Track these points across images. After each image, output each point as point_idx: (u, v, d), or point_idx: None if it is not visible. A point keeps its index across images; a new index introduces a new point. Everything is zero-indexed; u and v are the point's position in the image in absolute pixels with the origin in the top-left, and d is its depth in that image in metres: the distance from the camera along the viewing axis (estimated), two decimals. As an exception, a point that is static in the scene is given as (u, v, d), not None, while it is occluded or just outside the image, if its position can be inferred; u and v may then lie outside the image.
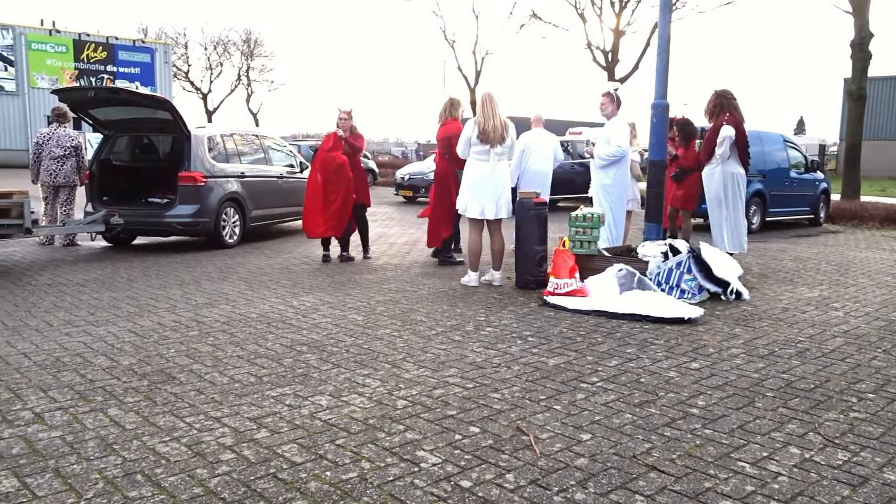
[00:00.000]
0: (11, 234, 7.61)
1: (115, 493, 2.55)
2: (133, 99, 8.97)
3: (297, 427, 3.21)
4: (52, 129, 9.50)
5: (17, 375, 3.89)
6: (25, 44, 34.98)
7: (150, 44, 40.50)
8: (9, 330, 4.89)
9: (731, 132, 7.44)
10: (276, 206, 10.55)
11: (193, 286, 6.63)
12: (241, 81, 56.66)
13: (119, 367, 4.08)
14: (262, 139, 10.98)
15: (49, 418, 3.26)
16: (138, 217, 8.95)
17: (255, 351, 4.46)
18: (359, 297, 6.23)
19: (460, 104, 7.66)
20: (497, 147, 6.57)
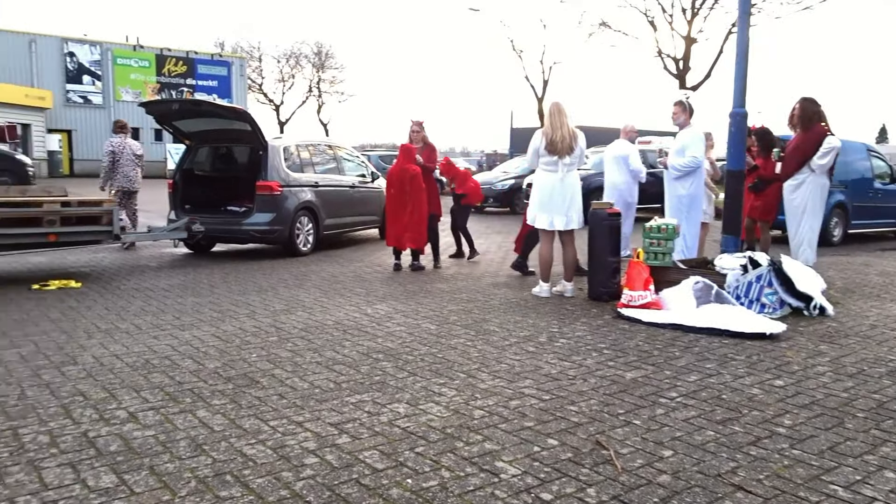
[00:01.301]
0: (101, 240, 7.99)
1: (206, 492, 2.65)
2: (214, 111, 9.32)
3: (376, 434, 3.26)
4: (121, 138, 10.16)
5: (111, 376, 4.09)
6: (112, 59, 36.88)
7: (227, 58, 42.03)
8: (101, 332, 5.14)
9: (838, 144, 7.13)
10: (348, 215, 10.76)
11: (271, 293, 6.82)
12: (311, 93, 58.07)
13: (205, 370, 4.23)
14: (335, 149, 11.23)
15: (142, 418, 3.42)
16: (218, 225, 9.27)
17: (332, 357, 4.55)
18: (431, 306, 6.28)
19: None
20: (566, 157, 6.52)
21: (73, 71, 35.96)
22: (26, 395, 3.73)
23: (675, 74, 31.36)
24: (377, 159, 23.02)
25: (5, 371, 4.14)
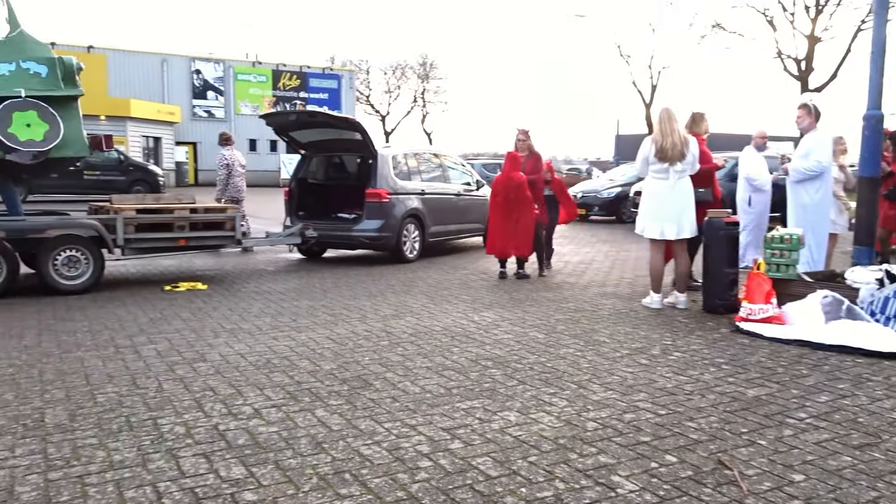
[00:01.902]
0: (224, 245, 8.46)
1: (327, 489, 2.75)
2: (328, 121, 9.69)
3: (488, 441, 3.27)
4: (230, 150, 10.81)
5: (236, 373, 4.31)
6: (233, 75, 39.12)
7: (337, 71, 43.60)
8: (226, 332, 5.44)
9: None
10: (453, 222, 10.86)
11: (380, 298, 6.99)
12: (416, 103, 59.19)
13: (321, 371, 4.39)
14: (441, 158, 11.38)
15: (266, 414, 3.58)
16: (329, 231, 9.61)
17: (442, 363, 4.60)
18: (538, 314, 6.24)
19: (703, 118, 7.26)
20: (677, 164, 6.31)
21: (199, 87, 38.42)
22: (163, 388, 4.00)
23: (797, 76, 29.69)
24: (480, 168, 23.14)
25: (144, 366, 4.46)
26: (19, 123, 6.46)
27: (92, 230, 7.19)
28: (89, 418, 3.51)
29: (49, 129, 6.61)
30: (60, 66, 6.90)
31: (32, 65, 6.75)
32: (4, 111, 6.42)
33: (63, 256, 7.01)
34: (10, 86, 6.54)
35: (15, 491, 2.71)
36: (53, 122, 6.65)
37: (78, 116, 7.10)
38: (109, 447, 3.14)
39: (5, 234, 6.80)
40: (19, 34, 6.83)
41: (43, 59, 6.85)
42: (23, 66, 6.69)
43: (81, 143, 7.13)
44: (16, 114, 6.47)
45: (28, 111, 6.53)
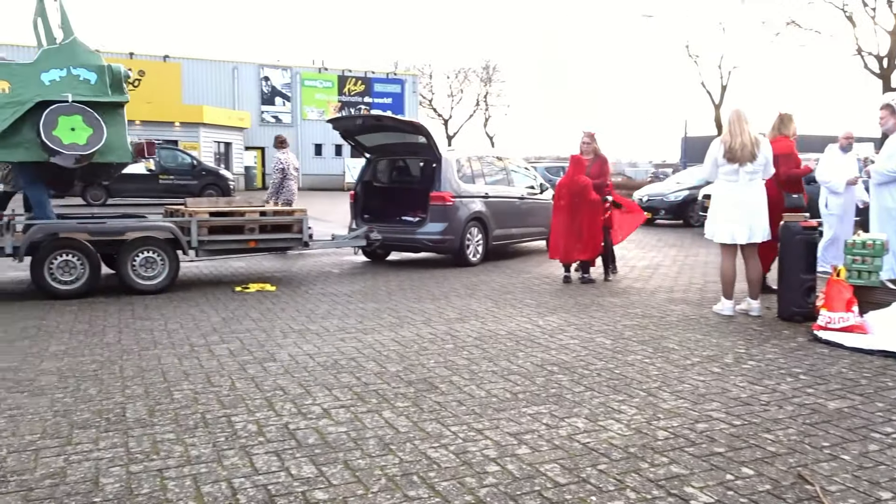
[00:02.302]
0: (292, 247, 8.65)
1: (396, 490, 2.77)
2: (393, 125, 9.80)
3: (556, 447, 3.23)
4: (285, 154, 11.07)
5: (305, 373, 4.40)
6: (300, 81, 40.03)
7: (401, 76, 44.05)
8: (295, 332, 5.56)
9: None
10: (516, 226, 10.81)
11: (444, 301, 7.01)
12: (479, 106, 59.27)
13: (388, 373, 4.43)
14: (504, 161, 11.35)
15: (335, 415, 3.64)
16: (393, 234, 9.70)
17: (507, 367, 4.58)
18: (604, 320, 6.14)
19: (791, 119, 7.05)
20: (747, 165, 6.10)
21: (267, 93, 39.46)
22: (236, 386, 4.12)
23: (879, 74, 28.36)
24: (543, 171, 22.97)
25: (218, 364, 4.59)
26: (64, 127, 6.65)
27: (168, 232, 7.47)
28: (167, 414, 3.64)
29: (92, 134, 6.78)
30: (109, 73, 7.11)
31: (83, 71, 6.96)
32: (51, 114, 6.63)
33: (141, 258, 7.30)
34: (60, 91, 6.78)
35: (100, 482, 2.84)
36: (97, 127, 6.82)
37: (123, 123, 7.28)
38: (186, 442, 3.25)
39: (89, 235, 7.14)
40: (72, 42, 7.05)
41: (93, 66, 7.06)
42: (73, 72, 6.91)
43: (125, 149, 7.30)
44: (62, 118, 6.67)
45: (73, 115, 6.72)
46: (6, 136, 6.61)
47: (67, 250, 6.98)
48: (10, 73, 6.77)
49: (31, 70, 6.83)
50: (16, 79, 6.73)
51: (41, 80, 6.77)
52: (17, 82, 6.72)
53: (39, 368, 4.47)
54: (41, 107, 6.65)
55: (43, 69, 6.82)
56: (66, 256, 6.97)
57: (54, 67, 6.86)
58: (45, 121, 6.57)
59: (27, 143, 6.72)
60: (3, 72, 6.76)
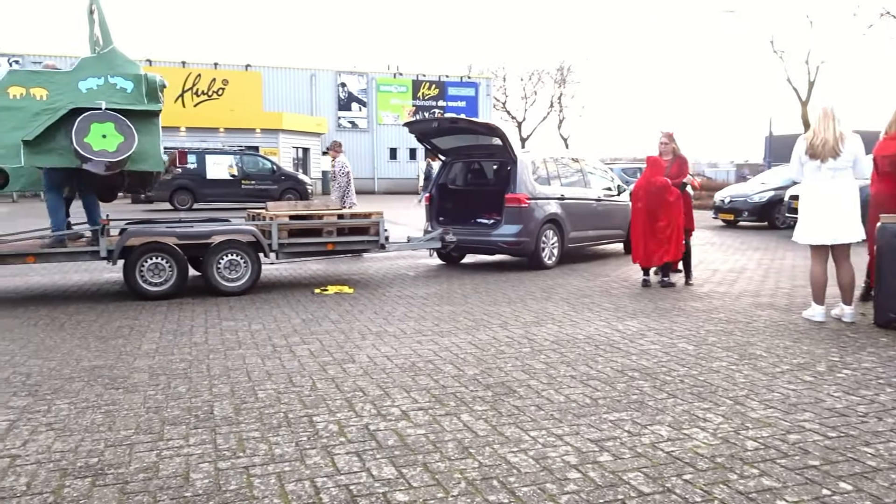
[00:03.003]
0: (368, 249, 8.78)
1: (476, 494, 2.75)
2: (469, 127, 9.81)
3: (639, 455, 3.14)
4: (345, 159, 11.28)
5: (383, 375, 4.45)
6: (375, 87, 40.70)
7: (475, 79, 44.12)
8: (373, 334, 5.63)
9: None
10: (593, 228, 10.64)
11: (520, 304, 6.96)
12: (553, 108, 58.74)
13: (465, 376, 4.43)
14: (581, 162, 11.19)
15: (413, 417, 3.66)
16: (468, 236, 9.71)
17: (586, 372, 4.50)
18: (686, 325, 5.95)
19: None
20: (829, 162, 5.79)
21: (344, 99, 40.31)
22: (317, 387, 4.20)
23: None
24: (619, 172, 22.53)
25: (299, 365, 4.70)
26: (96, 134, 6.75)
27: (250, 235, 7.72)
28: (252, 413, 3.74)
29: (123, 142, 6.84)
30: (145, 82, 7.19)
31: (119, 80, 7.08)
32: (84, 121, 6.74)
33: (225, 260, 7.56)
34: (96, 98, 6.91)
35: (190, 477, 2.94)
36: (129, 135, 6.88)
37: (157, 132, 7.33)
38: (271, 441, 3.33)
39: (177, 239, 7.45)
40: (111, 51, 7.18)
41: (130, 75, 7.16)
42: (110, 80, 7.04)
43: (157, 157, 7.33)
44: (94, 125, 6.76)
45: (106, 123, 6.80)
46: (40, 141, 6.75)
47: (157, 253, 7.31)
48: (49, 80, 6.95)
49: (68, 78, 7.00)
50: (54, 86, 6.91)
51: (78, 88, 6.92)
52: (55, 90, 6.88)
53: (133, 366, 4.69)
54: (76, 114, 6.77)
55: (81, 77, 6.98)
56: (156, 259, 7.30)
57: (92, 76, 7.00)
58: (77, 127, 6.68)
59: (61, 149, 6.85)
60: (41, 79, 6.95)
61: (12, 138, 6.64)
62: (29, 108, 6.76)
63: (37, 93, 6.83)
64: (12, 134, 6.64)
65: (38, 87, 6.87)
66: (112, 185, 8.23)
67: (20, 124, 6.68)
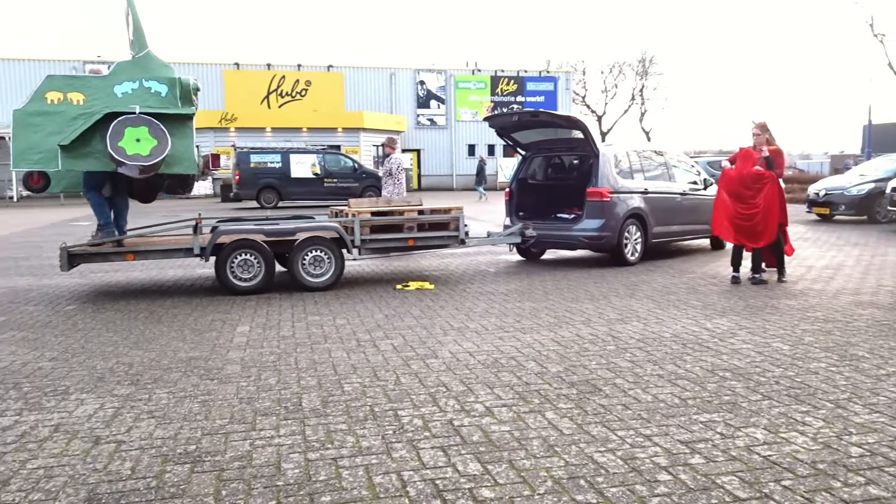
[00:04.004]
0: (448, 245, 8.81)
1: (563, 493, 2.72)
2: (550, 120, 9.70)
3: (733, 458, 3.02)
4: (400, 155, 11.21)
5: (466, 371, 4.45)
6: (454, 84, 40.85)
7: (554, 73, 43.62)
8: (454, 330, 5.65)
9: None
10: (678, 223, 10.32)
11: (603, 301, 6.83)
12: (634, 101, 57.42)
13: (548, 373, 4.38)
14: (665, 155, 10.87)
15: (497, 413, 3.65)
16: (548, 231, 9.60)
17: (674, 371, 4.37)
18: (780, 323, 5.69)
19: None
20: None
21: (423, 97, 40.66)
22: (401, 381, 4.25)
23: None
24: (704, 165, 21.78)
25: (383, 360, 4.77)
26: (129, 138, 6.81)
27: (334, 232, 7.88)
28: (339, 405, 3.82)
29: (156, 146, 6.89)
30: (179, 86, 7.28)
31: (154, 84, 7.18)
32: (119, 125, 6.82)
33: (310, 256, 7.76)
34: (131, 103, 7.02)
35: (282, 467, 3.03)
36: (162, 139, 6.93)
37: (190, 135, 7.37)
38: (357, 433, 3.39)
39: (265, 236, 7.70)
40: (146, 55, 7.32)
41: (165, 78, 7.27)
42: (145, 84, 7.15)
43: (191, 160, 7.36)
44: (128, 129, 6.83)
45: (140, 127, 6.87)
46: (77, 145, 6.86)
47: (246, 250, 7.57)
48: (86, 85, 7.11)
49: (104, 83, 7.15)
50: (91, 91, 7.05)
51: (114, 93, 7.05)
52: (92, 94, 7.02)
53: (226, 358, 4.88)
54: (111, 118, 6.87)
55: (116, 82, 7.11)
56: (245, 256, 7.56)
57: (127, 80, 7.12)
58: (111, 132, 6.77)
59: (97, 153, 6.95)
60: (79, 84, 7.12)
61: (50, 143, 6.77)
62: (66, 112, 6.90)
63: (74, 97, 6.97)
64: (50, 139, 6.77)
65: (76, 91, 7.01)
66: (153, 187, 8.35)
67: (58, 129, 6.80)
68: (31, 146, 6.77)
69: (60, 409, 3.82)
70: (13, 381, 4.36)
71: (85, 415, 3.73)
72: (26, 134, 6.78)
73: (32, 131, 6.78)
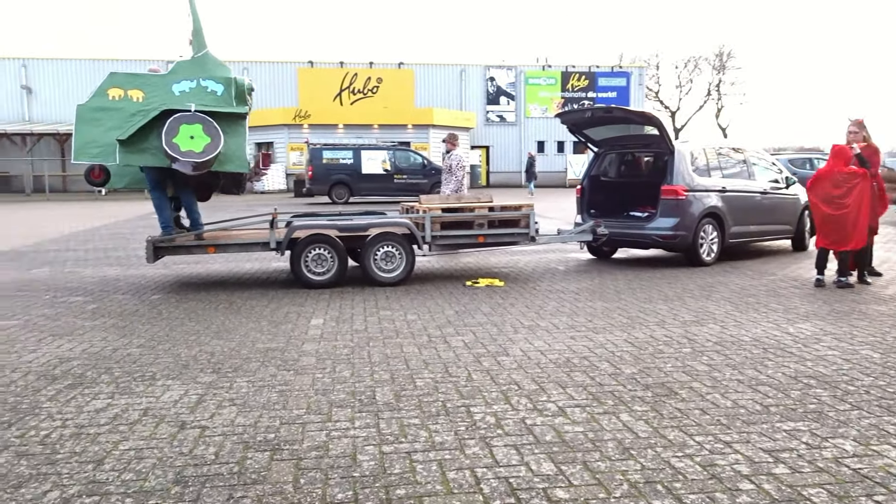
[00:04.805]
0: (518, 242, 8.76)
1: (639, 497, 2.67)
2: (625, 116, 9.51)
3: (820, 470, 2.90)
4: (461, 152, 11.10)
5: (537, 370, 4.43)
6: (524, 80, 40.61)
7: (627, 68, 42.79)
8: (525, 328, 5.62)
9: None
10: (757, 223, 9.97)
11: (677, 302, 6.66)
12: (710, 96, 55.74)
13: (622, 374, 4.31)
14: (744, 152, 10.50)
15: (570, 413, 3.61)
16: (621, 229, 9.42)
17: (755, 377, 4.22)
18: (869, 330, 5.42)
19: None
20: None
21: (493, 93, 40.60)
22: (472, 378, 4.26)
23: None
24: (785, 163, 20.94)
25: (454, 356, 4.79)
26: (184, 135, 6.97)
27: (405, 228, 7.96)
28: (411, 400, 3.86)
29: (209, 143, 7.02)
30: (235, 86, 7.42)
31: (211, 83, 7.34)
32: (174, 123, 6.99)
33: (382, 252, 7.86)
34: (188, 101, 7.19)
35: (357, 459, 3.09)
36: (215, 137, 7.06)
37: (243, 134, 7.53)
38: (430, 428, 3.42)
39: (338, 231, 7.84)
40: (204, 55, 7.48)
41: (221, 78, 7.42)
42: (202, 83, 7.31)
43: (242, 159, 7.52)
44: (183, 126, 7.00)
45: (195, 124, 7.03)
46: (135, 141, 7.08)
47: (320, 245, 7.73)
48: (145, 83, 7.33)
49: (163, 81, 7.35)
50: (149, 89, 7.27)
51: (172, 91, 7.24)
52: (150, 92, 7.24)
53: (301, 350, 5.00)
54: (167, 115, 7.06)
55: (175, 80, 7.31)
56: (319, 250, 7.73)
57: (185, 79, 7.31)
58: (167, 128, 6.95)
59: (153, 149, 7.16)
60: (139, 82, 7.34)
61: (109, 137, 7.02)
62: (126, 109, 7.14)
63: (134, 94, 7.20)
64: (110, 133, 7.03)
65: (136, 89, 7.24)
66: (207, 185, 8.55)
67: (117, 124, 7.06)
68: (92, 140, 7.06)
69: (148, 394, 4.00)
70: (105, 366, 4.60)
71: (171, 400, 3.90)
72: (87, 128, 7.07)
73: (93, 126, 7.07)
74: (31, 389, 4.13)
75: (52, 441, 3.32)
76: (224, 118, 7.27)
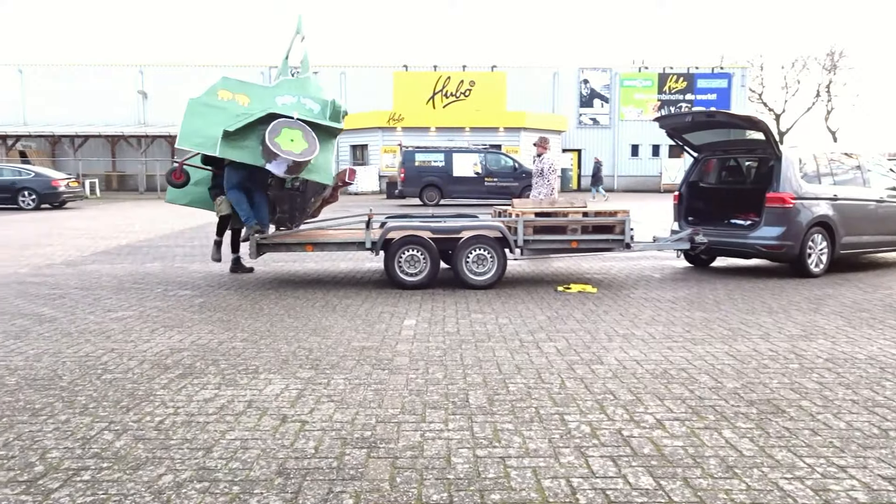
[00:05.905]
0: (612, 248, 8.58)
1: (744, 519, 2.56)
2: (728, 121, 9.14)
3: (947, 502, 2.69)
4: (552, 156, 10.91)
5: (633, 380, 4.32)
6: (618, 82, 39.78)
7: (728, 70, 41.15)
8: (619, 337, 5.50)
9: None
10: (871, 233, 9.37)
11: (783, 315, 6.35)
12: (819, 98, 52.80)
13: (724, 388, 4.14)
14: (858, 158, 9.89)
15: (669, 427, 3.51)
16: (721, 237, 9.07)
17: (871, 398, 3.97)
18: None
19: None
20: None
21: (586, 96, 39.97)
22: (566, 385, 4.21)
23: None
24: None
25: (546, 362, 4.75)
26: (285, 137, 7.47)
27: (497, 231, 7.96)
28: (504, 404, 3.86)
29: (306, 148, 7.51)
30: (331, 107, 8.00)
31: (309, 101, 7.94)
32: (278, 125, 7.49)
33: (474, 255, 7.89)
34: (288, 112, 7.72)
35: (451, 461, 3.11)
36: (311, 144, 7.54)
37: (331, 150, 8.12)
38: (524, 434, 3.40)
39: (431, 233, 7.93)
40: (307, 78, 8.19)
41: (318, 99, 8.00)
42: (301, 101, 7.91)
43: (328, 172, 8.09)
44: (285, 129, 7.51)
45: (295, 129, 7.55)
46: (236, 137, 7.62)
47: (414, 246, 7.84)
48: (252, 91, 7.96)
49: (268, 92, 7.97)
50: (255, 96, 7.88)
51: (274, 101, 7.84)
52: (256, 99, 7.85)
53: (395, 350, 5.09)
54: (272, 118, 7.59)
55: (279, 93, 7.93)
56: (412, 251, 7.84)
57: (288, 94, 7.94)
58: (271, 128, 7.45)
59: (251, 147, 7.70)
60: (246, 89, 7.95)
61: (212, 131, 7.59)
62: (231, 109, 7.73)
63: (240, 99, 7.84)
64: (213, 128, 7.60)
65: (242, 94, 7.89)
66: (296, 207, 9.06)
67: (221, 121, 7.62)
68: (196, 130, 7.67)
69: (252, 387, 4.18)
70: (212, 358, 4.84)
71: (273, 394, 4.05)
72: (195, 119, 7.69)
73: (199, 118, 7.69)
74: (146, 377, 4.39)
75: (166, 427, 3.52)
76: (320, 130, 7.83)
